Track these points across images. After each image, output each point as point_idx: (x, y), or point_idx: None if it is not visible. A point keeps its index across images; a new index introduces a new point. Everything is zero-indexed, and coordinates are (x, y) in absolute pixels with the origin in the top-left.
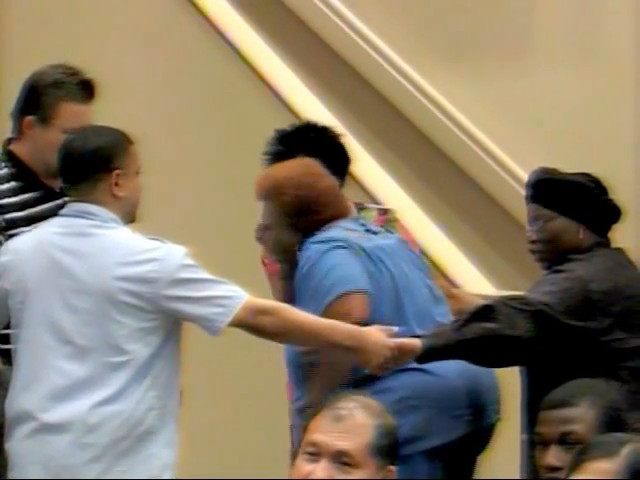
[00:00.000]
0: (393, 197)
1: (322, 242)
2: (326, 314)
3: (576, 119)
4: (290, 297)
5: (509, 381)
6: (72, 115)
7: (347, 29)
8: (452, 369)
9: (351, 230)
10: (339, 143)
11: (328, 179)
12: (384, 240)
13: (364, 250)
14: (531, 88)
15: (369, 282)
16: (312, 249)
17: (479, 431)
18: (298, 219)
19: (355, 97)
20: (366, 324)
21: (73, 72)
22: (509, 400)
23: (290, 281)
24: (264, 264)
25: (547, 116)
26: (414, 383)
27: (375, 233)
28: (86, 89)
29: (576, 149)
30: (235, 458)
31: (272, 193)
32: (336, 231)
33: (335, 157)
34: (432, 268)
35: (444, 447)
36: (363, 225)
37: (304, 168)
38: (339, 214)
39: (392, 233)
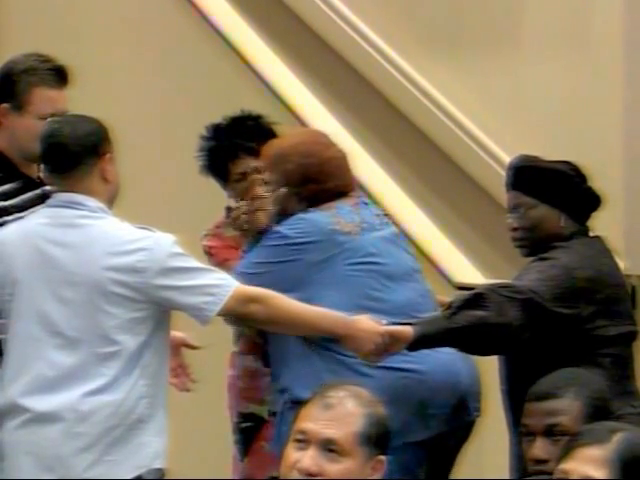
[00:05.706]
0: (379, 183)
1: (293, 230)
2: None
3: (565, 110)
4: None
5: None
6: (46, 100)
7: (337, 19)
8: (433, 366)
9: (341, 219)
10: (274, 132)
11: (334, 149)
12: (370, 234)
13: (335, 254)
14: (521, 79)
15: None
16: (279, 236)
17: (458, 428)
18: (302, 188)
19: (345, 87)
20: None
21: (46, 59)
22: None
23: None
24: (211, 254)
25: (536, 106)
26: (392, 384)
27: (364, 229)
28: (59, 75)
29: (565, 139)
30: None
31: (277, 161)
32: (324, 217)
33: None
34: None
35: (423, 442)
36: (359, 215)
37: (311, 136)
38: (344, 187)
39: (388, 226)
